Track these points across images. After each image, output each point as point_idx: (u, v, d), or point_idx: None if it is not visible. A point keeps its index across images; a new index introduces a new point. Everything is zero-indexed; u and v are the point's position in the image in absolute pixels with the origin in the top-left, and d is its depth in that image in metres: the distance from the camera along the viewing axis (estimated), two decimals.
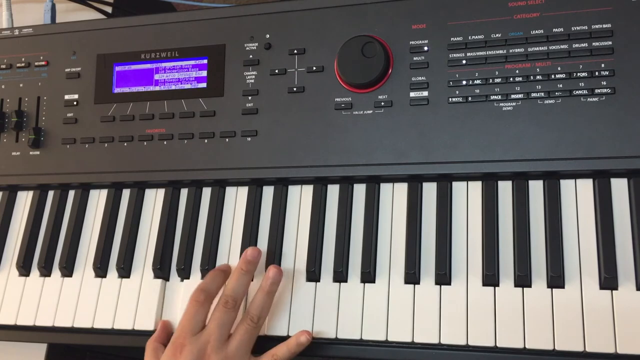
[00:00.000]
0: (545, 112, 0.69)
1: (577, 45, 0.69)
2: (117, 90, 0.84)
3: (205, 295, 0.70)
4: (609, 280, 0.64)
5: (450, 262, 0.69)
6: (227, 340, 0.68)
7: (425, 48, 0.74)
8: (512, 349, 0.65)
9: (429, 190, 0.73)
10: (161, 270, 0.78)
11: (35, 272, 0.83)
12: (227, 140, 0.78)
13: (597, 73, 0.68)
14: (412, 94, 0.73)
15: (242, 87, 0.79)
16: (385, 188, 0.74)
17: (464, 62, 0.72)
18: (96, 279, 0.80)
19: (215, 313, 0.69)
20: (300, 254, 0.74)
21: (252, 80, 0.79)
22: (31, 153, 0.85)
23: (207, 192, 0.81)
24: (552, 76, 0.69)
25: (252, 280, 0.74)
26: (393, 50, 0.75)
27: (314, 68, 0.77)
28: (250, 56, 0.80)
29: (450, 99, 0.72)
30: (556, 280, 0.65)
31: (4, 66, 0.89)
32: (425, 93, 0.73)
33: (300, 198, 0.77)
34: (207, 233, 0.78)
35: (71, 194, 0.85)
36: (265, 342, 0.71)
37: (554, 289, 0.66)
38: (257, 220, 0.77)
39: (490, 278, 0.67)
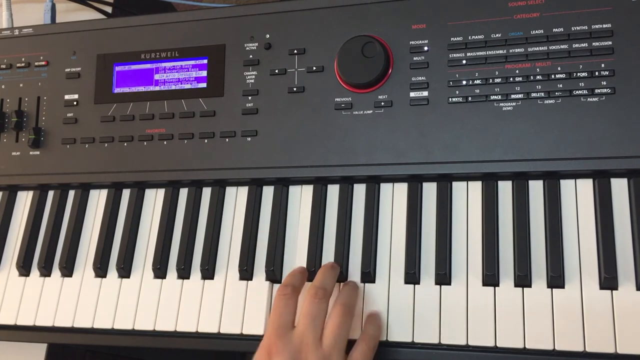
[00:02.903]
0: (546, 112, 0.69)
1: (577, 45, 0.69)
2: (117, 90, 0.84)
3: (291, 289, 0.66)
4: (609, 280, 0.64)
5: (450, 262, 0.69)
6: (321, 337, 0.63)
7: (425, 48, 0.74)
8: (512, 349, 0.65)
9: (429, 190, 0.73)
10: (161, 270, 0.78)
11: (35, 272, 0.83)
12: (227, 140, 0.78)
13: (597, 73, 0.68)
14: (412, 94, 0.73)
15: (242, 87, 0.79)
16: (385, 188, 0.74)
17: (464, 62, 0.72)
18: (96, 279, 0.80)
19: (305, 307, 0.65)
20: (300, 254, 0.74)
21: (252, 80, 0.79)
22: (31, 153, 0.85)
23: (207, 192, 0.81)
24: (552, 76, 0.69)
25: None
26: (393, 50, 0.75)
27: (314, 68, 0.77)
28: (250, 56, 0.80)
29: (450, 99, 0.72)
30: (556, 280, 0.65)
31: (4, 66, 0.89)
32: (425, 93, 0.73)
33: (300, 198, 0.77)
34: (207, 233, 0.78)
35: (71, 194, 0.85)
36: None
37: (554, 289, 0.66)
38: (257, 220, 0.77)
39: (490, 278, 0.67)
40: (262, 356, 0.63)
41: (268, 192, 0.78)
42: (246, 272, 0.75)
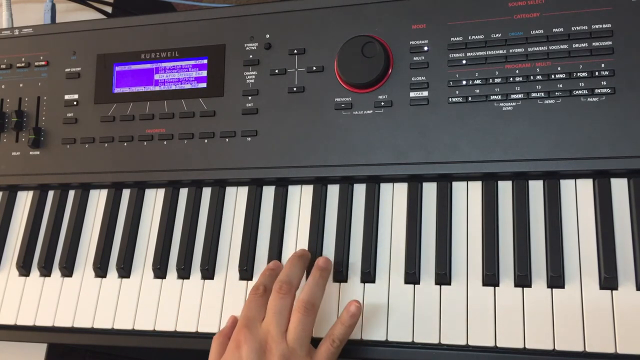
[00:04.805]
0: (545, 112, 0.69)
1: (577, 45, 0.69)
2: (117, 90, 0.84)
3: (263, 289, 0.68)
4: (609, 280, 0.64)
5: (450, 262, 0.69)
6: (286, 331, 0.65)
7: (425, 48, 0.74)
8: (512, 349, 0.65)
9: (429, 190, 0.73)
10: (161, 270, 0.78)
11: (35, 272, 0.83)
12: (227, 140, 0.78)
13: (597, 73, 0.68)
14: (412, 94, 0.73)
15: (242, 87, 0.79)
16: (385, 188, 0.74)
17: (464, 62, 0.72)
18: (96, 279, 0.80)
19: (270, 302, 0.67)
20: None
21: (252, 80, 0.79)
22: (31, 153, 0.85)
23: (207, 192, 0.81)
24: (552, 76, 0.69)
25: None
26: (393, 50, 0.75)
27: (314, 68, 0.77)
28: (250, 56, 0.80)
29: (450, 99, 0.72)
30: (556, 280, 0.65)
31: (4, 66, 0.89)
32: (425, 93, 0.73)
33: (300, 198, 0.77)
34: (207, 233, 0.78)
35: (71, 194, 0.85)
36: None
37: (554, 289, 0.66)
38: (257, 220, 0.77)
39: (490, 278, 0.67)
40: (231, 347, 0.66)
41: (268, 192, 0.78)
42: (246, 272, 0.75)
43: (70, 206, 0.85)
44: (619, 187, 0.68)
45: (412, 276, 0.69)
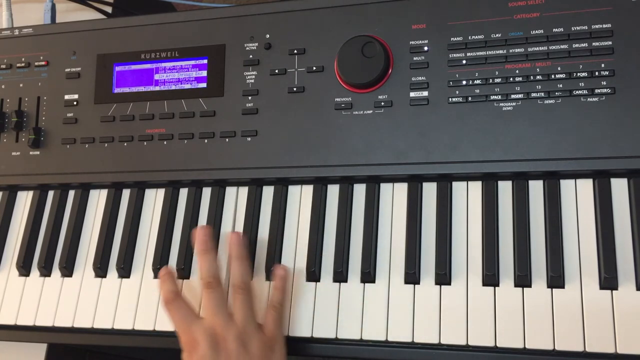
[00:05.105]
0: (545, 112, 0.69)
1: (577, 45, 0.69)
2: (117, 90, 0.84)
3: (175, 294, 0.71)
4: (609, 280, 0.64)
5: (450, 262, 0.69)
6: (231, 316, 0.68)
7: (425, 48, 0.74)
8: (512, 349, 0.65)
9: (429, 190, 0.73)
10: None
11: (35, 272, 0.83)
12: (227, 140, 0.78)
13: (597, 73, 0.68)
14: (412, 94, 0.73)
15: (242, 87, 0.79)
16: (385, 188, 0.74)
17: (464, 62, 0.72)
18: (96, 279, 0.80)
19: (204, 300, 0.69)
20: (300, 254, 0.74)
21: (252, 80, 0.79)
22: (31, 153, 0.85)
23: (207, 192, 0.81)
24: (552, 76, 0.69)
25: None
26: (393, 50, 0.75)
27: (314, 68, 0.77)
28: (250, 56, 0.80)
29: (450, 99, 0.72)
30: (556, 280, 0.65)
31: (4, 66, 0.89)
32: (425, 93, 0.73)
33: (300, 198, 0.77)
34: None
35: (71, 194, 0.85)
36: None
37: (554, 289, 0.66)
38: (257, 220, 0.77)
39: (490, 278, 0.67)
40: (187, 351, 0.67)
41: (268, 192, 0.78)
42: None
43: (70, 206, 0.85)
44: (619, 187, 0.68)
45: (412, 276, 0.69)
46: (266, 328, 0.68)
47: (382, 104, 0.74)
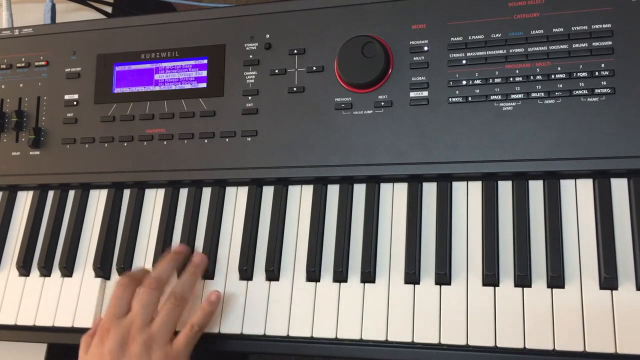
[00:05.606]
0: (545, 112, 0.69)
1: (577, 45, 0.69)
2: (117, 90, 0.84)
3: (129, 279, 0.71)
4: (609, 280, 0.64)
5: (450, 262, 0.69)
6: (151, 321, 0.68)
7: (425, 48, 0.74)
8: (512, 349, 0.65)
9: (429, 190, 0.73)
10: None
11: (35, 272, 0.83)
12: (227, 140, 0.78)
13: (597, 73, 0.68)
14: (412, 94, 0.73)
15: (242, 87, 0.79)
16: (385, 188, 0.74)
17: (464, 62, 0.72)
18: (96, 279, 0.80)
19: (139, 296, 0.70)
20: (300, 254, 0.74)
21: (252, 80, 0.79)
22: (31, 153, 0.85)
23: (207, 192, 0.81)
24: (552, 76, 0.69)
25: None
26: (393, 50, 0.75)
27: (314, 68, 0.77)
28: (250, 56, 0.80)
29: (450, 99, 0.72)
30: (556, 280, 0.65)
31: (4, 66, 0.89)
32: (425, 93, 0.73)
33: (300, 198, 0.77)
34: (207, 233, 0.78)
35: (71, 194, 0.85)
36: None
37: (554, 289, 0.66)
38: (257, 220, 0.77)
39: (490, 278, 0.67)
40: (96, 342, 0.69)
41: (268, 192, 0.78)
42: (246, 272, 0.75)
43: (70, 206, 0.85)
44: (619, 187, 0.68)
45: (412, 276, 0.69)
46: (176, 343, 0.68)
47: (382, 104, 0.74)
